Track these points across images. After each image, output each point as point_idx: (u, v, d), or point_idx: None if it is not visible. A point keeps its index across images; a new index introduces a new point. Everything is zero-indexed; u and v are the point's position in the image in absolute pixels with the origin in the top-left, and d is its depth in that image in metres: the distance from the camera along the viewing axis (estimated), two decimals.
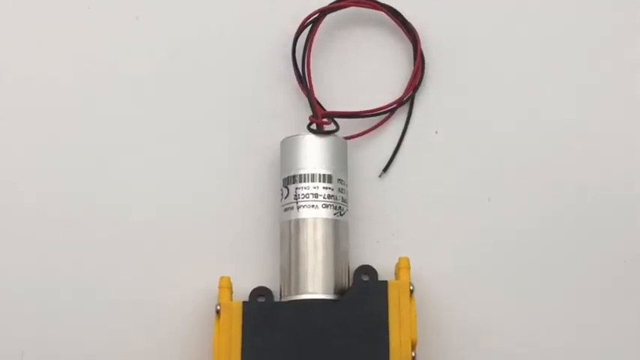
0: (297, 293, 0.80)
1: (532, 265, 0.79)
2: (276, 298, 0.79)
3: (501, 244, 0.80)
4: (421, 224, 0.82)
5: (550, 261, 0.79)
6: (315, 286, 0.80)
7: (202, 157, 0.83)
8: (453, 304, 0.79)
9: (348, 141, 0.82)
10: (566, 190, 0.79)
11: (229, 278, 0.80)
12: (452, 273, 0.80)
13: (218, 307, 0.78)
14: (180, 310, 0.79)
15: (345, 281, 0.80)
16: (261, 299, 0.78)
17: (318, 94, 0.81)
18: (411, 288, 0.77)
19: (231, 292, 0.79)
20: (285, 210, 0.83)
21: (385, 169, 0.85)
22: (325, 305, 0.77)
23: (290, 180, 0.83)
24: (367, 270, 0.81)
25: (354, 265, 0.80)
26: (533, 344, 0.77)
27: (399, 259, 0.80)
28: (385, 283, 0.78)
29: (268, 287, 0.80)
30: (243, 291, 0.79)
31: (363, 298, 0.78)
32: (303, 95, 0.81)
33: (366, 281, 0.78)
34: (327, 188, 0.82)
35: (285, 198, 0.82)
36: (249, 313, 0.77)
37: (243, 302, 0.77)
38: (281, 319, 0.77)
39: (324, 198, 0.81)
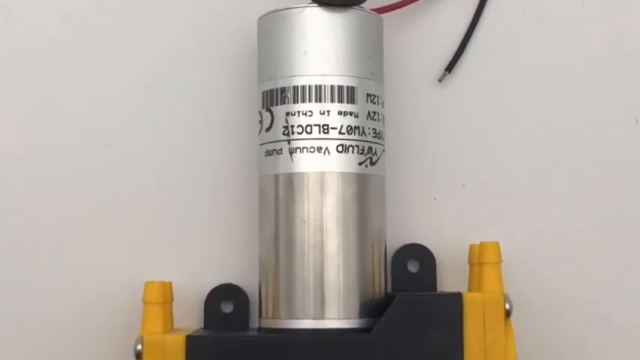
0: (290, 316, 0.51)
1: None
2: (253, 313, 0.55)
3: None
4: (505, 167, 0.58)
5: None
6: (328, 305, 0.51)
7: None
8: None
9: (384, 17, 0.55)
10: None
11: (163, 285, 0.53)
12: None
13: (139, 348, 0.50)
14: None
15: (381, 288, 0.53)
16: (225, 308, 0.55)
17: None
18: (508, 307, 0.51)
19: (169, 310, 0.53)
20: (267, 154, 0.53)
21: (449, 68, 0.57)
22: (345, 343, 0.50)
23: (275, 97, 0.52)
24: (417, 253, 0.56)
25: (394, 246, 0.56)
26: None
27: (482, 245, 0.53)
28: (458, 297, 0.51)
29: (238, 285, 0.56)
30: (195, 293, 0.56)
31: (415, 325, 0.50)
32: None
33: (417, 296, 0.52)
34: (346, 114, 0.51)
35: (267, 131, 0.53)
36: (194, 355, 0.50)
37: (188, 337, 0.50)
38: None
39: (341, 133, 0.51)
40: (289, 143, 0.50)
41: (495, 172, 0.57)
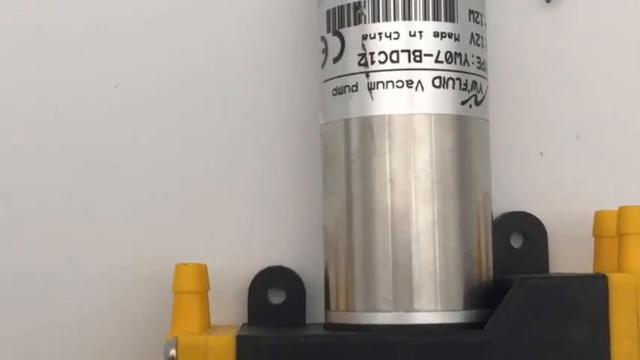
0: (370, 308, 0.38)
1: None
2: (313, 302, 0.43)
3: None
4: None
5: None
6: (421, 294, 0.38)
7: None
8: None
9: None
10: None
11: (200, 268, 0.40)
12: None
13: (172, 353, 0.37)
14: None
15: (489, 270, 0.40)
16: (274, 298, 0.43)
17: None
18: None
19: (206, 301, 0.40)
20: (336, 93, 0.39)
21: None
22: (449, 345, 0.37)
23: (346, 15, 0.39)
24: (522, 224, 0.43)
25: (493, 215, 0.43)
26: None
27: (624, 211, 0.40)
28: (602, 279, 0.38)
29: (291, 268, 0.44)
30: (235, 279, 0.43)
31: (544, 319, 0.37)
32: None
33: (547, 280, 0.39)
34: (444, 36, 0.38)
35: (335, 62, 0.40)
36: None
37: (238, 339, 0.37)
38: None
39: (437, 62, 0.38)
40: (367, 76, 0.38)
41: (618, 120, 0.45)
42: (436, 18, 0.38)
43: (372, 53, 0.38)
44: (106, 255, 0.44)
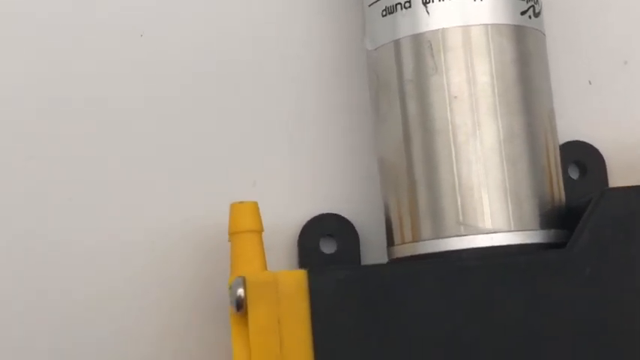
0: (442, 234, 0.35)
1: None
2: (371, 245, 0.40)
3: None
4: None
5: None
6: (493, 214, 0.35)
7: None
8: None
9: None
10: None
11: (254, 205, 0.37)
12: None
13: (240, 293, 0.33)
14: None
15: (560, 188, 0.37)
16: (326, 247, 0.40)
17: None
18: None
19: (262, 243, 0.36)
20: (386, 13, 0.37)
21: None
22: (533, 264, 0.34)
23: None
24: (578, 153, 0.41)
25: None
26: None
27: None
28: None
29: (344, 216, 0.40)
30: (281, 229, 0.40)
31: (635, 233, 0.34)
32: None
33: (630, 189, 0.35)
34: None
35: None
36: (321, 299, 0.34)
37: (310, 274, 0.34)
38: (411, 306, 0.34)
39: None
40: None
41: None
42: None
43: None
44: (146, 215, 0.40)
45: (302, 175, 0.41)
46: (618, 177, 0.41)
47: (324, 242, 0.40)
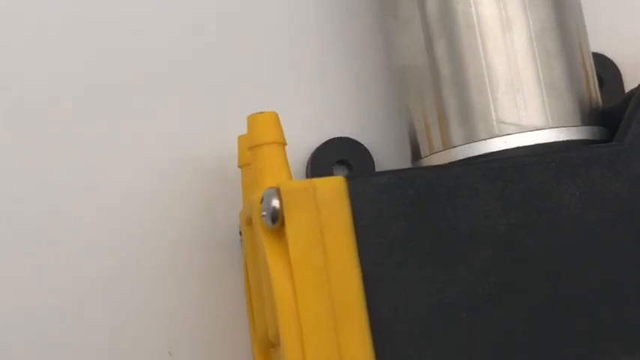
0: (476, 137, 0.33)
1: None
2: (387, 161, 0.38)
3: None
4: None
5: None
6: (532, 111, 0.33)
7: None
8: None
9: None
10: None
11: (275, 115, 0.34)
12: None
13: (275, 204, 0.30)
14: None
15: (595, 84, 0.35)
16: (339, 172, 0.38)
17: None
18: None
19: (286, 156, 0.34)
20: None
21: None
22: (588, 160, 0.32)
23: None
24: (598, 68, 0.37)
25: None
26: None
27: None
28: None
29: (359, 140, 0.38)
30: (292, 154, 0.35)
31: None
32: None
33: None
34: None
35: None
36: (363, 205, 0.31)
37: (347, 177, 0.31)
38: (461, 207, 0.31)
39: None
40: None
41: None
42: None
43: None
44: (154, 145, 0.38)
45: (310, 99, 0.38)
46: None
47: (338, 168, 0.37)
